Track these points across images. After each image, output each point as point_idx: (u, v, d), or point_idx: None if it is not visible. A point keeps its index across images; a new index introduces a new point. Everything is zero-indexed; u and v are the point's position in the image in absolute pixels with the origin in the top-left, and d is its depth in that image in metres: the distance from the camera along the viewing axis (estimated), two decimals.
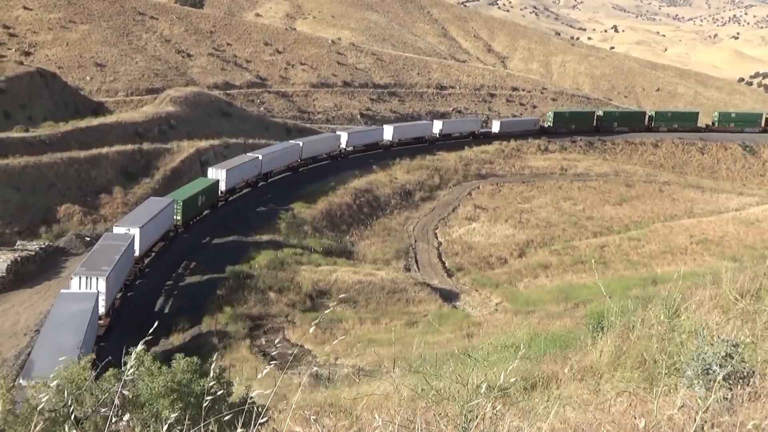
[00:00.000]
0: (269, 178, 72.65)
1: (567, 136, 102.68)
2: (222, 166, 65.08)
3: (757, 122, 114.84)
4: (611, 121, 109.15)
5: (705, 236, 68.59)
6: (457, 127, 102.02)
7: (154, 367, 7.40)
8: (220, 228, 58.93)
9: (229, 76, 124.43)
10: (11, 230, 55.50)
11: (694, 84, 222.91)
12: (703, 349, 6.67)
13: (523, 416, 6.29)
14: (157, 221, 50.81)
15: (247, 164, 67.55)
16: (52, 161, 63.06)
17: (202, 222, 60.26)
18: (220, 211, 63.66)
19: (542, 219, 75.16)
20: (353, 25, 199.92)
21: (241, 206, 65.01)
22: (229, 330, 42.55)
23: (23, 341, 38.26)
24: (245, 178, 68.14)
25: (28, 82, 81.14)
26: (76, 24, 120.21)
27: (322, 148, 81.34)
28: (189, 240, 56.72)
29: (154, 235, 51.03)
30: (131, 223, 48.20)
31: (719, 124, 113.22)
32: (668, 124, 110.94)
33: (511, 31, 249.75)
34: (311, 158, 78.78)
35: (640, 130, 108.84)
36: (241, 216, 62.12)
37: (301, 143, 77.79)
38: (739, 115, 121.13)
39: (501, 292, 56.08)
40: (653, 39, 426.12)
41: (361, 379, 22.88)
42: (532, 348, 14.22)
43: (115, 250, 42.30)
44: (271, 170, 72.62)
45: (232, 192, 66.26)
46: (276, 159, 72.98)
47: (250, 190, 69.65)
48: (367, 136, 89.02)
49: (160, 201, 54.48)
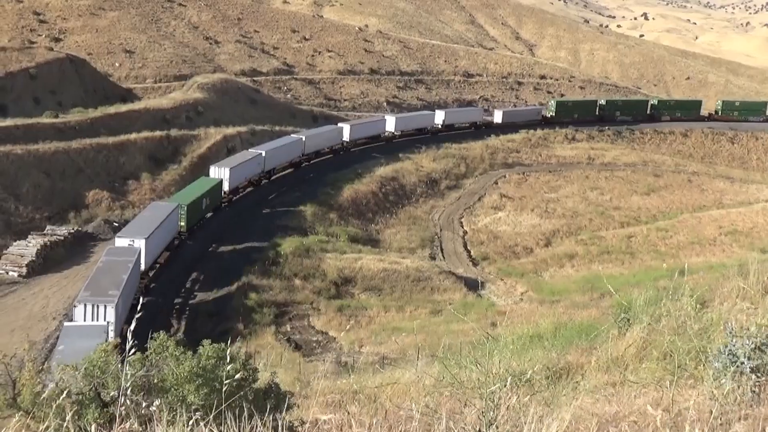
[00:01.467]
0: (272, 175, 68.18)
1: (569, 125, 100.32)
2: (224, 164, 60.83)
3: (762, 111, 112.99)
4: (613, 110, 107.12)
5: (734, 227, 67.77)
6: (460, 117, 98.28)
7: (178, 352, 7.46)
8: (227, 234, 54.56)
9: (256, 63, 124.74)
10: (41, 215, 56.19)
11: (725, 72, 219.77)
12: (732, 341, 6.60)
13: (546, 406, 6.27)
14: (163, 229, 46.15)
15: (251, 161, 63.28)
16: (81, 147, 63.69)
17: (206, 227, 55.67)
18: (225, 214, 59.11)
19: (569, 209, 74.67)
20: (380, 12, 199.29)
21: (246, 209, 60.70)
22: (254, 316, 42.77)
23: (52, 325, 38.78)
24: (248, 176, 63.71)
25: (57, 69, 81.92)
26: (106, 11, 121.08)
27: (325, 142, 77.19)
28: (195, 248, 52.33)
29: (160, 245, 46.57)
30: (135, 233, 43.40)
31: (722, 113, 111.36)
32: (671, 112, 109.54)
33: (539, 18, 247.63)
34: (314, 153, 74.76)
35: (642, 119, 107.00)
36: (247, 220, 57.91)
37: (304, 137, 72.90)
38: (743, 103, 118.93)
39: (526, 282, 55.86)
40: (684, 27, 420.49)
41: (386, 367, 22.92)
42: (557, 338, 14.17)
43: (122, 268, 37.46)
44: (274, 167, 68.02)
45: (235, 192, 61.89)
46: (279, 154, 68.11)
47: (253, 189, 65.27)
48: (369, 128, 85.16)
49: (164, 206, 49.99)
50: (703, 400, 5.86)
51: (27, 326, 38.47)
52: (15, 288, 44.34)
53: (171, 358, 7.28)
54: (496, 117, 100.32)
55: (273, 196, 65.06)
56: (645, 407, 6.06)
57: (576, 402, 6.11)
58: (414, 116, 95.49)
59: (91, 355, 7.12)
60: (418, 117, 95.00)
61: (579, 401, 6.21)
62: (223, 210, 59.44)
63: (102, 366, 6.81)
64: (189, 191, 54.47)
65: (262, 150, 65.56)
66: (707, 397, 5.97)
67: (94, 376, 6.72)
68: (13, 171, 57.47)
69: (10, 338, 35.73)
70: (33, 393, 6.84)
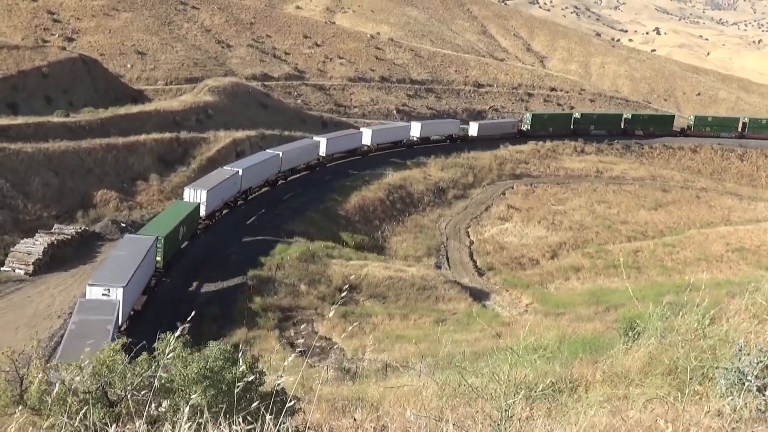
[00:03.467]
0: (249, 195, 63.25)
1: (544, 139, 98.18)
2: (200, 185, 54.92)
3: (734, 127, 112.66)
4: (588, 124, 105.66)
5: (742, 244, 67.54)
6: (436, 130, 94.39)
7: (185, 353, 7.48)
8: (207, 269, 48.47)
9: (267, 68, 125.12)
10: (49, 213, 56.35)
11: (736, 89, 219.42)
12: (740, 358, 6.59)
13: (552, 418, 6.27)
14: (140, 271, 39.75)
15: (228, 181, 57.73)
16: (91, 147, 63.90)
17: (183, 259, 49.45)
18: (202, 243, 53.09)
19: (576, 221, 74.58)
20: (392, 20, 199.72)
21: (224, 236, 54.74)
22: (258, 321, 42.77)
23: (57, 323, 38.85)
24: (225, 198, 58.42)
25: (70, 68, 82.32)
26: (119, 12, 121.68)
27: (301, 157, 72.11)
28: (173, 288, 45.45)
29: (138, 289, 40.29)
30: (111, 280, 36.61)
31: (695, 128, 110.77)
32: (644, 127, 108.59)
33: (551, 30, 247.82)
34: (290, 170, 69.75)
35: (616, 133, 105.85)
36: (226, 250, 51.68)
37: (281, 153, 67.37)
38: (716, 119, 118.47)
39: (531, 293, 55.75)
40: (696, 42, 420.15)
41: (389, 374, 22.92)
42: (561, 351, 14.15)
43: (100, 331, 30.26)
44: (250, 186, 62.93)
45: (212, 216, 56.19)
46: (256, 172, 63.07)
47: (230, 212, 60.08)
48: (346, 141, 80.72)
49: (140, 242, 43.01)
50: (710, 417, 5.85)
51: (32, 324, 38.56)
52: (21, 286, 44.46)
53: (178, 359, 7.31)
54: (471, 130, 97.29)
55: (252, 219, 59.85)
56: (652, 422, 6.06)
57: (582, 415, 6.11)
58: (390, 128, 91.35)
59: (99, 354, 7.15)
60: (395, 129, 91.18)
61: (585, 414, 6.20)
62: (199, 238, 53.89)
63: (109, 365, 6.84)
64: (165, 219, 48.47)
65: (238, 168, 60.35)
66: (713, 413, 5.96)
67: (102, 375, 6.75)
68: (23, 169, 57.68)
69: (15, 335, 35.85)
70: (40, 390, 6.87)
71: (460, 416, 5.82)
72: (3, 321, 38.99)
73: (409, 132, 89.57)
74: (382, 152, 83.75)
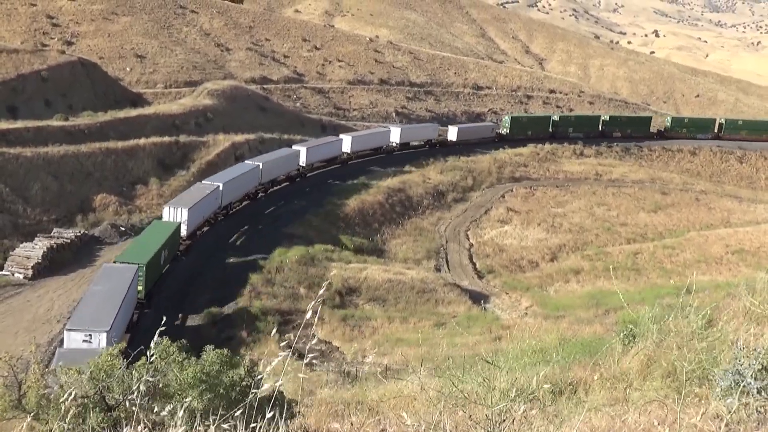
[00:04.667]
0: (229, 210, 60.18)
1: (523, 142, 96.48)
2: (180, 203, 51.56)
3: (710, 128, 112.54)
4: (567, 127, 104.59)
5: (741, 246, 67.55)
6: (415, 135, 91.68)
7: (181, 358, 7.46)
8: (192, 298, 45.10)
9: (266, 71, 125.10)
10: (48, 217, 56.36)
11: (735, 91, 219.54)
12: (739, 360, 6.58)
13: (550, 421, 6.26)
14: (124, 308, 36.08)
15: (209, 197, 54.53)
16: (90, 151, 63.90)
17: (165, 286, 45.55)
18: (184, 267, 49.35)
19: (575, 224, 74.57)
20: (391, 23, 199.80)
21: (207, 257, 51.22)
22: (257, 324, 42.75)
23: (56, 327, 38.83)
24: (207, 215, 55.28)
25: (69, 72, 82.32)
26: (118, 16, 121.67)
27: (282, 168, 69.01)
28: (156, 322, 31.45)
29: (122, 328, 36.31)
30: (94, 323, 32.74)
31: (672, 129, 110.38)
32: (622, 129, 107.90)
33: (549, 33, 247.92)
34: (270, 181, 66.93)
35: (594, 135, 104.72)
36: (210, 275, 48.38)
37: (261, 164, 64.12)
38: (692, 120, 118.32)
39: (531, 296, 55.74)
40: (694, 45, 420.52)
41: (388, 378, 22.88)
42: (561, 353, 14.12)
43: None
44: (231, 201, 59.95)
45: (193, 235, 52.86)
46: (236, 186, 60.01)
47: (210, 229, 56.67)
48: (326, 150, 77.26)
49: (120, 272, 38.92)
50: (709, 420, 5.84)
51: (31, 328, 38.55)
52: (20, 290, 44.46)
53: (175, 363, 7.30)
54: (450, 134, 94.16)
55: (235, 236, 56.90)
56: (650, 425, 6.05)
57: (580, 417, 6.10)
58: (370, 135, 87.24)
59: (97, 359, 7.14)
60: (375, 135, 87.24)
61: (583, 417, 6.19)
62: (181, 260, 50.06)
63: (107, 370, 6.82)
64: (145, 243, 44.45)
65: (218, 182, 57.15)
66: (712, 416, 5.95)
67: (100, 380, 6.74)
68: (22, 173, 57.70)
69: (15, 340, 35.83)
70: (38, 395, 6.86)
71: (457, 420, 5.81)
72: (2, 325, 38.98)
73: (389, 138, 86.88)
74: (362, 160, 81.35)
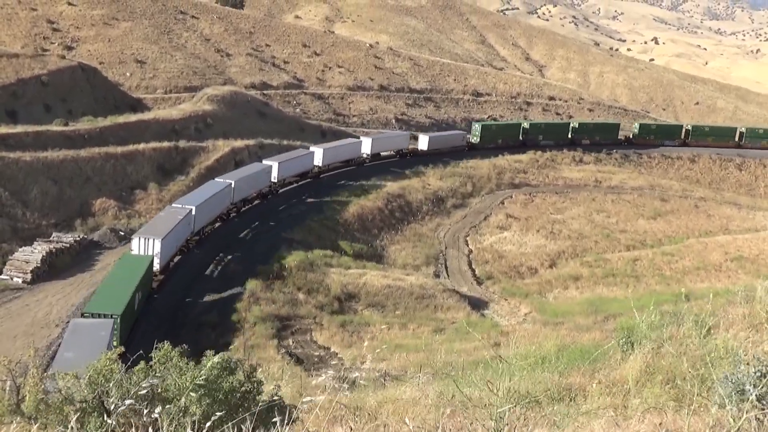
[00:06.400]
0: (201, 235, 54.37)
1: (494, 151, 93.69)
2: (152, 232, 45.71)
3: (678, 135, 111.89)
4: (536, 134, 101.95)
5: (740, 254, 67.56)
6: (386, 145, 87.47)
7: (182, 363, 7.46)
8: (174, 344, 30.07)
9: (266, 77, 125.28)
10: (48, 222, 56.35)
11: (734, 99, 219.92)
12: (738, 368, 6.57)
13: (549, 426, 6.26)
14: None
15: (182, 223, 48.84)
16: (90, 155, 63.93)
17: (138, 336, 37.91)
18: (159, 308, 43.07)
19: (574, 230, 74.57)
20: (391, 29, 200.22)
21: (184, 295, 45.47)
22: (256, 330, 42.69)
23: (54, 332, 38.77)
24: (179, 243, 49.56)
25: (69, 77, 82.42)
26: (119, 21, 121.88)
27: (253, 186, 64.19)
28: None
29: None
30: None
31: (639, 136, 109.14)
32: (590, 136, 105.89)
33: (549, 40, 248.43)
34: (241, 200, 62.04)
35: (564, 143, 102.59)
36: (187, 320, 42.30)
37: (233, 182, 59.12)
38: (660, 127, 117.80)
39: (530, 303, 55.72)
40: (694, 52, 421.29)
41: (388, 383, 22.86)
42: (560, 360, 14.11)
43: None
44: (203, 225, 54.47)
45: (166, 268, 46.92)
46: (208, 208, 54.42)
47: (183, 257, 50.90)
48: (298, 164, 72.18)
49: (92, 330, 32.75)
50: (708, 427, 5.84)
51: (30, 333, 38.48)
52: (19, 294, 44.40)
53: (174, 368, 7.29)
54: (421, 143, 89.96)
55: (211, 266, 50.89)
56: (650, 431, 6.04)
57: (578, 424, 6.09)
58: (343, 146, 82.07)
59: (95, 363, 7.13)
60: (347, 147, 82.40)
61: (582, 423, 6.19)
62: (154, 300, 43.55)
63: (106, 374, 6.82)
64: (116, 286, 38.53)
65: (190, 205, 51.35)
66: (712, 423, 5.95)
67: (98, 384, 6.73)
68: (22, 177, 57.72)
69: (13, 344, 35.77)
70: (36, 399, 6.85)
71: (456, 426, 5.81)
72: (1, 329, 38.93)
73: (360, 149, 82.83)
74: (334, 173, 77.45)
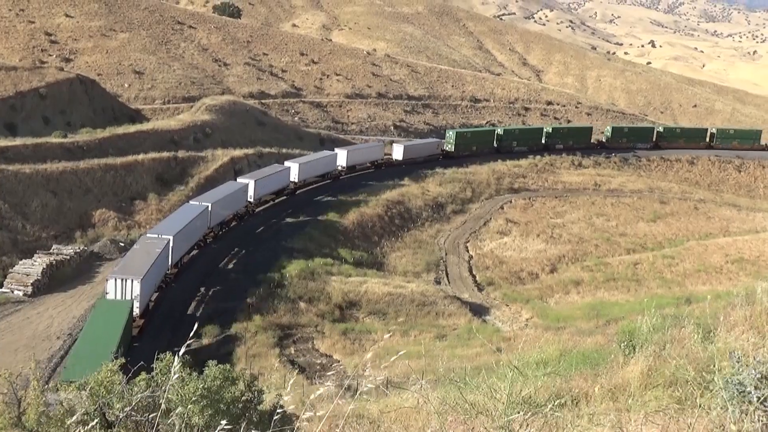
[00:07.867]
0: (180, 264, 50.64)
1: (469, 159, 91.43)
2: (129, 272, 41.17)
3: (650, 137, 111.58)
4: (511, 140, 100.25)
5: (741, 255, 67.53)
6: (362, 157, 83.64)
7: (184, 373, 7.45)
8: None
9: (264, 86, 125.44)
10: (48, 234, 56.34)
11: (731, 101, 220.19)
12: (739, 370, 6.57)
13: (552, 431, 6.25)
14: None
15: (160, 256, 44.68)
16: (89, 167, 63.99)
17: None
18: (141, 357, 21.07)
19: (574, 234, 74.53)
20: (389, 36, 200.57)
21: (166, 343, 36.15)
22: (258, 339, 42.65)
23: (56, 344, 38.75)
24: (158, 280, 45.61)
25: (67, 89, 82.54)
26: (116, 32, 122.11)
27: (230, 207, 60.40)
28: None
29: None
30: None
31: (612, 139, 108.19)
32: (564, 141, 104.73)
33: (546, 44, 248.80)
34: (218, 224, 58.62)
35: (538, 148, 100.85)
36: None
37: (209, 205, 55.18)
38: (632, 130, 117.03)
39: (531, 308, 55.67)
40: (691, 55, 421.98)
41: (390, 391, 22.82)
42: (562, 364, 14.09)
43: None
44: (181, 255, 50.62)
45: (146, 311, 42.42)
46: (186, 236, 50.68)
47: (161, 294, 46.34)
48: (275, 181, 68.48)
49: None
50: (710, 430, 5.83)
51: (31, 345, 38.45)
52: (20, 307, 44.36)
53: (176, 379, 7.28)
54: (396, 153, 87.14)
55: (193, 306, 46.91)
56: None
57: (581, 428, 6.08)
58: (318, 159, 77.29)
59: (97, 375, 7.12)
60: (323, 160, 77.72)
61: (585, 428, 6.18)
62: (134, 349, 36.79)
63: (107, 386, 6.81)
64: (94, 345, 33.13)
65: (167, 235, 47.51)
66: (715, 426, 5.94)
67: (100, 396, 6.72)
68: (21, 190, 57.75)
69: (14, 357, 35.72)
70: (38, 412, 6.84)
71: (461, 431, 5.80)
72: (2, 342, 38.88)
73: (335, 162, 78.90)
74: (310, 188, 74.51)
